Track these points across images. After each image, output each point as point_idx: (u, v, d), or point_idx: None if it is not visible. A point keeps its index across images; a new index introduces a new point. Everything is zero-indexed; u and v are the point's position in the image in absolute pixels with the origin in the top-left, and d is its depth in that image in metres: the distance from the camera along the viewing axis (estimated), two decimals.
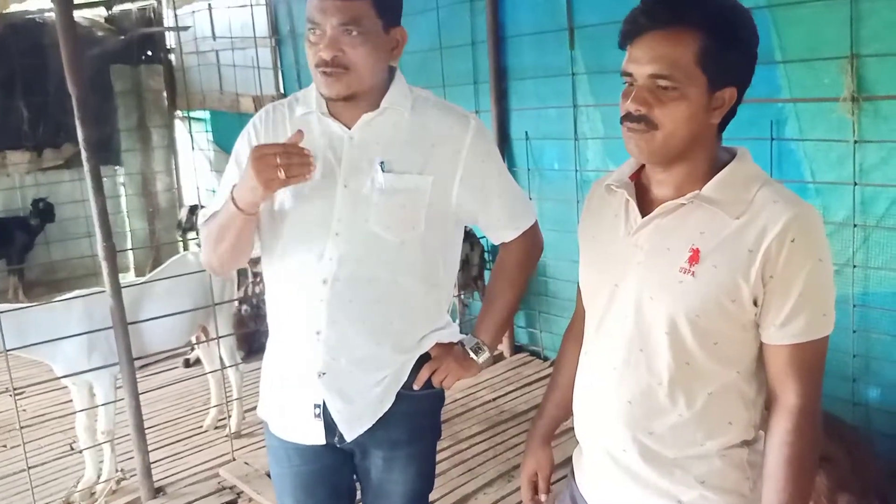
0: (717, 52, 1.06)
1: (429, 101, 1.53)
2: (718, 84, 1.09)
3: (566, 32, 3.68)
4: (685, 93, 1.07)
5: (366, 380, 1.52)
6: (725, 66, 1.08)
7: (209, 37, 6.03)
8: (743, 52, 1.10)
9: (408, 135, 1.47)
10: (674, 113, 1.08)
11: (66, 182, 6.50)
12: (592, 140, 3.75)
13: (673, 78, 1.07)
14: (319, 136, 1.47)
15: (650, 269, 1.16)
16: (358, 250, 1.46)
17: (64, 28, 2.62)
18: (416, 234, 1.47)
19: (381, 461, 1.59)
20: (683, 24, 1.06)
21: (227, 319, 3.64)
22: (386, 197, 1.44)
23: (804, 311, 1.09)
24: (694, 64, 1.07)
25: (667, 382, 1.16)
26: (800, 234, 1.07)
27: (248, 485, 3.04)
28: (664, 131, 1.09)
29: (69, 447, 3.48)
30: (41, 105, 6.08)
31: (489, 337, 1.64)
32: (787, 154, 2.92)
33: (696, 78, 1.07)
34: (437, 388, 1.59)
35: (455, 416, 3.63)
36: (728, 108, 1.11)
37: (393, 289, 1.49)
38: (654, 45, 1.08)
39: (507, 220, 1.59)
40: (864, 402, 2.87)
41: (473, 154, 1.49)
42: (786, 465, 1.10)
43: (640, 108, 1.09)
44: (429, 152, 1.47)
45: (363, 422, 1.54)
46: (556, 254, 4.07)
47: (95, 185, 2.73)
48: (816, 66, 2.76)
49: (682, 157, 1.14)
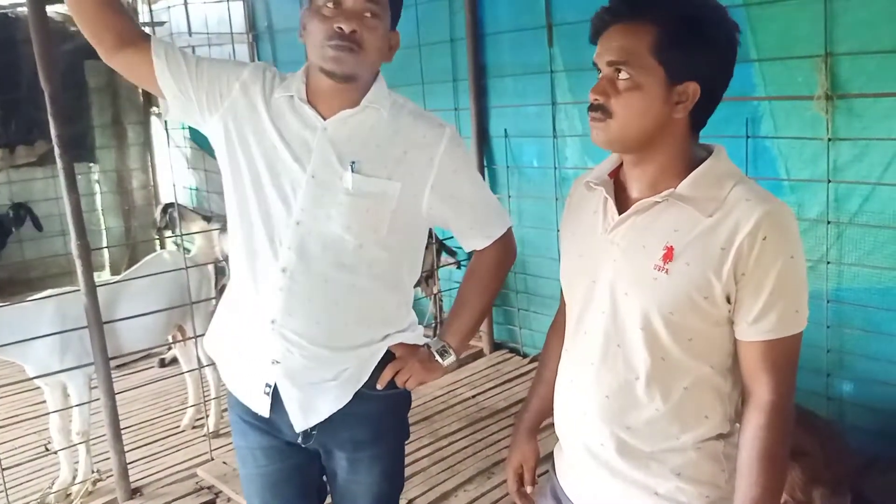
0: (674, 45, 1.08)
1: (405, 108, 1.52)
2: (677, 77, 1.10)
3: (545, 30, 3.69)
4: (639, 82, 1.10)
5: (321, 374, 1.51)
6: (684, 60, 1.09)
7: (185, 32, 5.97)
8: (705, 48, 1.10)
9: (381, 138, 1.47)
10: (628, 102, 1.11)
11: (40, 179, 6.41)
12: (571, 137, 3.77)
13: (628, 65, 1.10)
14: (294, 121, 1.46)
15: (626, 266, 1.18)
16: (316, 245, 1.45)
17: (36, 23, 2.58)
18: (378, 238, 1.47)
19: (345, 462, 1.59)
20: (642, 17, 1.10)
21: (205, 318, 3.61)
22: (351, 198, 1.44)
23: (776, 308, 1.10)
24: (649, 54, 1.09)
25: (643, 377, 1.18)
26: (771, 231, 1.08)
27: (227, 484, 3.02)
28: (618, 120, 1.12)
29: (44, 448, 3.43)
30: (13, 102, 5.97)
31: (456, 340, 1.63)
32: (762, 151, 2.96)
33: (652, 69, 1.09)
34: (400, 388, 1.59)
35: (435, 414, 3.63)
36: (692, 103, 1.12)
37: (351, 289, 1.48)
38: (614, 37, 1.12)
39: (479, 228, 1.58)
40: (838, 397, 2.91)
41: (446, 162, 1.48)
42: (758, 459, 1.11)
43: (599, 98, 1.13)
44: (400, 158, 1.46)
45: (314, 414, 1.52)
46: (536, 251, 4.09)
47: (69, 183, 2.69)
48: (791, 64, 2.79)
49: (647, 150, 1.16)
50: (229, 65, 1.53)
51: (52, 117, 2.64)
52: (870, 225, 2.71)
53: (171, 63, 1.45)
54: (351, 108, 1.45)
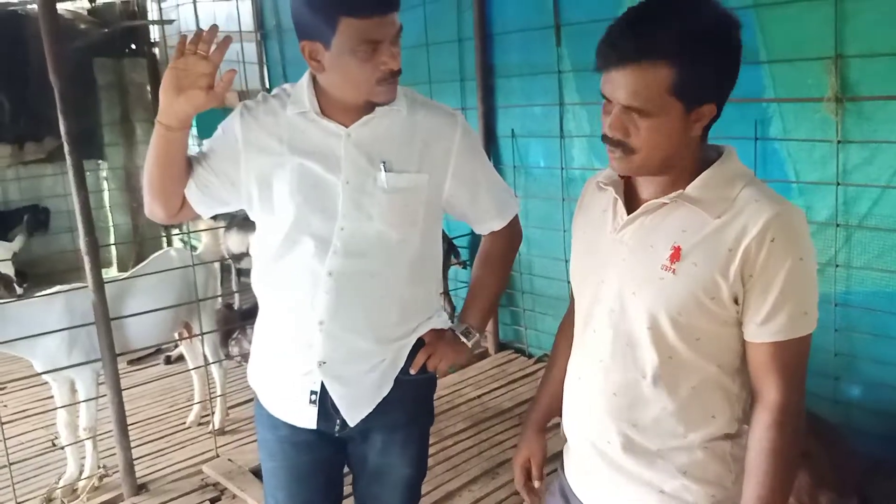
0: (689, 79, 1.06)
1: (417, 101, 1.56)
2: (694, 105, 1.09)
3: (553, 30, 3.68)
4: (660, 121, 1.09)
5: (363, 367, 1.57)
6: (699, 88, 1.08)
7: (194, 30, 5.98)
8: (718, 69, 1.09)
9: (402, 134, 1.52)
10: (649, 139, 1.10)
11: (49, 176, 6.44)
12: (578, 138, 3.76)
13: (646, 112, 1.08)
14: (315, 134, 1.50)
15: (633, 266, 1.18)
16: (362, 245, 1.51)
17: (47, 20, 2.59)
18: (416, 230, 1.54)
19: (379, 444, 1.65)
20: (652, 57, 1.06)
21: (211, 316, 3.62)
22: (389, 195, 1.49)
23: (784, 310, 1.10)
24: (667, 94, 1.07)
25: (651, 376, 1.18)
26: (780, 233, 1.08)
27: (232, 482, 3.02)
28: (641, 155, 1.12)
29: (51, 443, 3.45)
30: (23, 98, 6.00)
31: (476, 321, 1.72)
32: (770, 154, 2.95)
33: (671, 105, 1.08)
34: (430, 372, 1.66)
35: (440, 413, 3.63)
36: (708, 119, 1.12)
37: (392, 282, 1.55)
38: (627, 80, 1.08)
39: (496, 210, 1.66)
40: (846, 400, 2.90)
41: (462, 150, 1.56)
42: (766, 459, 1.11)
43: (617, 135, 1.12)
44: (422, 151, 1.52)
45: (363, 407, 1.58)
46: (542, 251, 4.09)
47: (78, 180, 2.71)
48: (801, 66, 2.78)
49: (670, 167, 1.16)
50: (219, 137, 1.58)
51: (61, 114, 2.64)
52: (879, 228, 2.70)
53: (203, 192, 1.57)
54: (367, 112, 1.49)
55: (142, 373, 4.36)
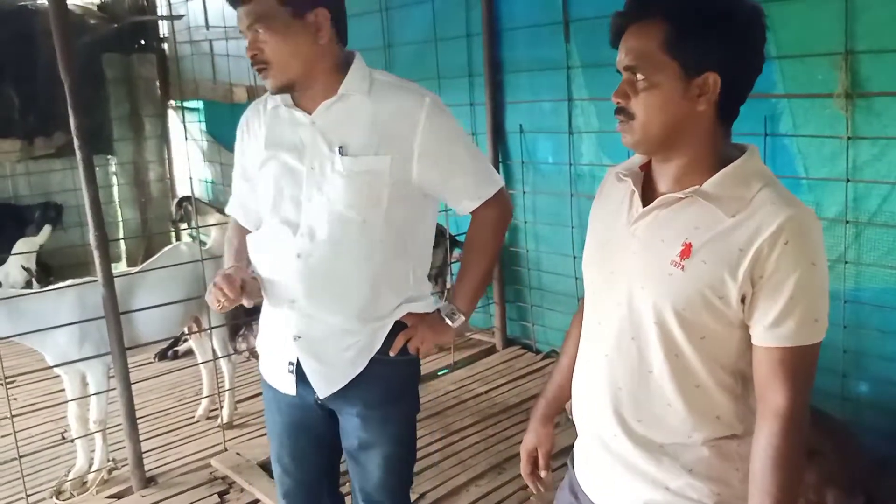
0: (685, 38, 1.08)
1: (386, 83, 1.60)
2: (694, 70, 1.09)
3: (561, 26, 3.67)
4: (655, 81, 1.10)
5: (337, 345, 1.65)
6: (697, 52, 1.09)
7: (202, 26, 6.00)
8: (719, 37, 1.08)
9: (365, 117, 1.56)
10: (646, 101, 1.11)
11: (58, 171, 6.47)
12: (587, 134, 3.75)
13: (641, 68, 1.11)
14: (287, 124, 1.61)
15: (643, 260, 1.17)
16: (326, 228, 1.58)
17: (56, 15, 2.60)
18: (380, 212, 1.58)
19: (358, 419, 1.71)
20: (649, 15, 1.10)
21: None
22: (346, 179, 1.55)
23: (794, 315, 1.08)
24: (661, 51, 1.09)
25: (656, 372, 1.17)
26: (794, 236, 1.06)
27: (240, 475, 3.04)
28: (640, 120, 1.13)
29: (60, 436, 3.47)
30: (32, 93, 6.02)
31: (464, 303, 1.74)
32: (780, 150, 2.94)
33: (666, 65, 1.09)
34: (411, 354, 1.69)
35: (447, 409, 3.64)
36: (714, 94, 1.10)
37: (361, 263, 1.61)
38: (628, 40, 1.13)
39: (469, 190, 1.66)
40: (854, 397, 2.89)
41: (429, 130, 1.56)
42: (772, 468, 1.09)
43: (620, 101, 1.14)
44: (384, 132, 1.56)
45: (336, 382, 1.67)
46: (550, 247, 4.08)
47: (88, 175, 2.72)
48: (810, 61, 2.76)
49: (673, 147, 1.15)
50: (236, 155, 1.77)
51: (71, 110, 2.66)
52: (889, 225, 2.69)
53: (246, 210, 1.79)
54: (327, 98, 1.56)
55: (151, 366, 4.38)
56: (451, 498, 2.88)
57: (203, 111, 6.69)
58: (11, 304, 2.93)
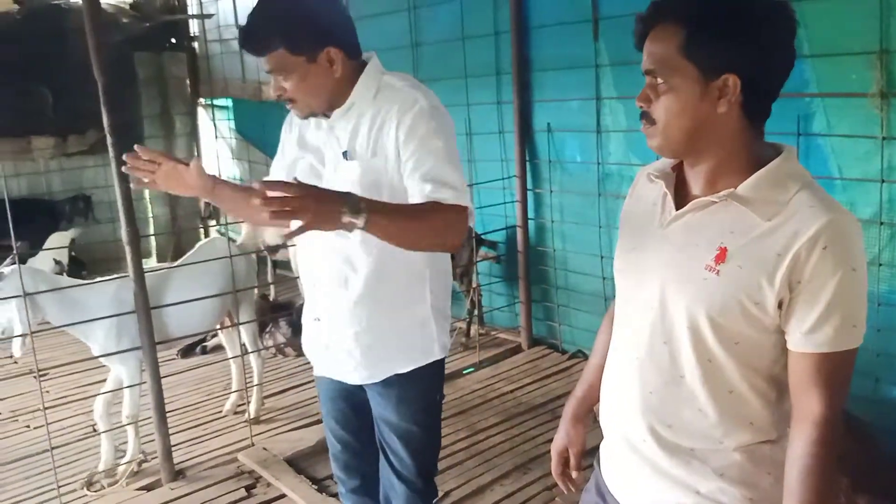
0: (699, 41, 1.07)
1: (390, 87, 1.67)
2: (710, 72, 1.08)
3: (590, 24, 3.65)
4: (673, 85, 1.10)
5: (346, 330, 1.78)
6: (713, 54, 1.07)
7: (232, 24, 6.06)
8: (733, 38, 1.07)
9: (367, 122, 1.66)
10: (665, 106, 1.11)
11: (90, 168, 6.58)
12: (615, 133, 3.73)
13: (660, 72, 1.11)
14: (314, 128, 1.77)
15: (677, 264, 1.16)
16: None
17: (90, 15, 2.64)
18: None
19: (378, 396, 1.84)
20: (666, 19, 1.10)
21: (250, 305, 3.67)
22: (350, 182, 1.64)
23: (832, 321, 1.06)
24: (678, 55, 1.09)
25: (688, 377, 1.16)
26: (833, 241, 1.04)
27: (267, 470, 3.07)
28: (660, 124, 1.13)
29: (91, 429, 3.53)
30: (66, 91, 6.13)
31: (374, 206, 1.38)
32: (813, 149, 2.89)
33: (683, 68, 1.09)
34: None
35: (472, 408, 3.64)
36: (735, 96, 1.08)
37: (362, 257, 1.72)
38: (648, 44, 1.13)
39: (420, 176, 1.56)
40: (886, 401, 2.84)
41: (406, 127, 1.59)
42: (809, 476, 1.08)
43: (642, 105, 1.14)
44: (377, 136, 1.65)
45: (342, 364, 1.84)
46: (577, 247, 4.06)
47: (120, 172, 2.75)
48: (844, 60, 2.72)
49: (699, 150, 1.14)
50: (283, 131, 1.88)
51: (104, 108, 2.70)
52: None
53: None
54: (340, 106, 1.68)
55: (180, 361, 4.44)
56: (476, 497, 2.88)
57: (232, 109, 6.76)
58: (64, 293, 3.00)
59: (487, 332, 4.61)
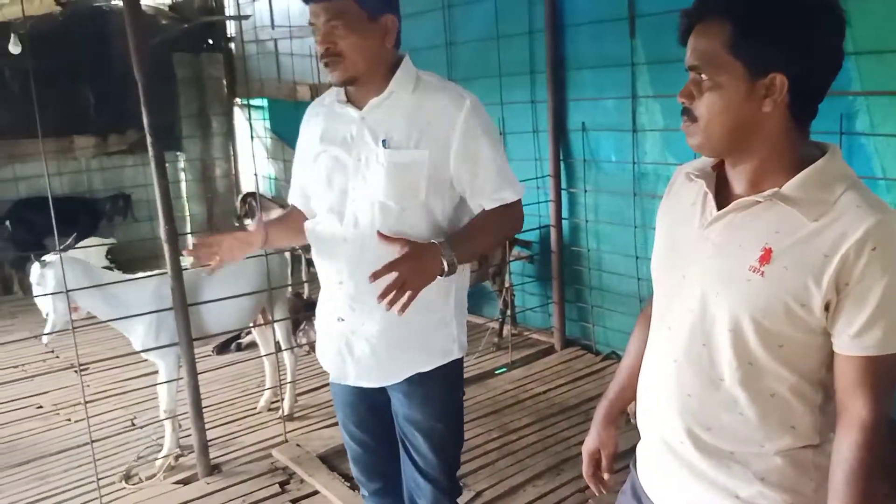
0: (748, 38, 1.05)
1: (430, 84, 1.71)
2: (758, 70, 1.05)
3: (626, 21, 3.62)
4: (718, 82, 1.08)
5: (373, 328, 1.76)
6: (761, 52, 1.05)
7: (268, 25, 6.12)
8: (783, 37, 1.04)
9: (408, 114, 1.68)
10: (709, 102, 1.09)
11: (130, 167, 6.70)
12: (651, 132, 3.69)
13: (704, 68, 1.09)
14: (340, 120, 1.75)
15: (719, 265, 1.14)
16: (367, 215, 1.70)
17: (130, 16, 2.69)
18: (418, 202, 1.68)
19: (401, 395, 1.82)
20: (713, 14, 1.08)
21: (283, 303, 3.71)
22: (388, 170, 1.66)
23: (881, 324, 1.04)
24: (725, 52, 1.06)
25: (728, 380, 1.14)
26: (882, 242, 1.02)
27: (300, 466, 3.10)
28: (702, 122, 1.11)
29: (130, 423, 3.60)
30: (106, 92, 6.26)
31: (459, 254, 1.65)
32: (856, 149, 2.83)
33: (729, 65, 1.06)
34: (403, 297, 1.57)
35: (504, 408, 3.63)
36: (781, 95, 1.06)
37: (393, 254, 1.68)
38: (693, 40, 1.11)
39: (491, 190, 1.72)
40: None
41: (466, 130, 1.66)
42: (855, 479, 1.06)
43: (684, 101, 1.12)
44: (425, 128, 1.66)
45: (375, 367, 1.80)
46: (612, 247, 4.03)
47: (160, 171, 2.81)
48: (889, 58, 2.66)
49: (741, 149, 1.11)
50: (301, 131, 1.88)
51: (144, 108, 2.75)
52: None
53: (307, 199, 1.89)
54: (377, 95, 1.69)
55: (215, 358, 4.50)
56: (508, 497, 2.87)
57: (267, 109, 6.83)
58: (108, 289, 3.08)
59: (520, 332, 4.59)
